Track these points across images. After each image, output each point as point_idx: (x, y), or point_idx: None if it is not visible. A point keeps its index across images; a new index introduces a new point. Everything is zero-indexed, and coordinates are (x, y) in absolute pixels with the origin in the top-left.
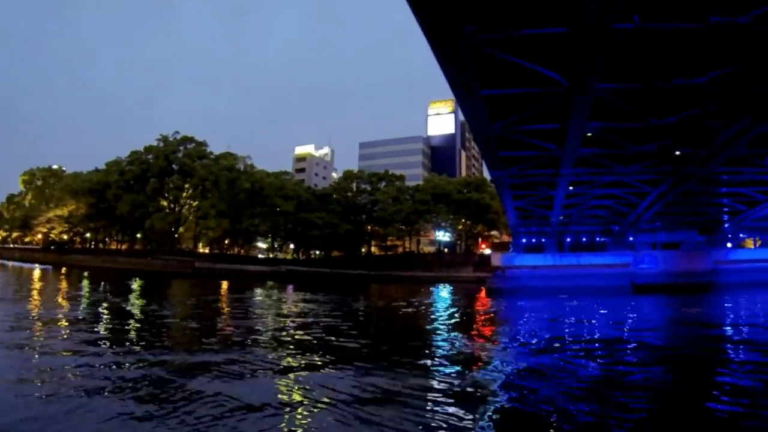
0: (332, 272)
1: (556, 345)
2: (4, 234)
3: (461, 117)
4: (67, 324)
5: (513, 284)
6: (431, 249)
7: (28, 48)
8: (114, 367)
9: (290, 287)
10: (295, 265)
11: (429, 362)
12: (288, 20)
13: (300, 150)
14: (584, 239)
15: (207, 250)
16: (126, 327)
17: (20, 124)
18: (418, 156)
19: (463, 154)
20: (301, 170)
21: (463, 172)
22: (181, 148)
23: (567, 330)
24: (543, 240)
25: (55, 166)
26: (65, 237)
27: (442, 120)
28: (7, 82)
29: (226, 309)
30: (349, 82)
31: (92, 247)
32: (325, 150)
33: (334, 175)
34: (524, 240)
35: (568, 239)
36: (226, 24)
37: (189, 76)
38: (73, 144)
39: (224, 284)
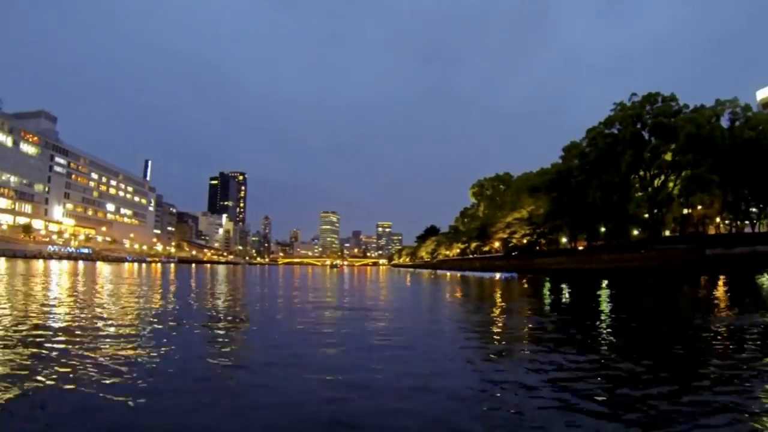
0: None
1: None
2: (462, 246)
3: None
4: None
5: None
6: None
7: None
8: None
9: None
10: None
11: None
12: None
13: (763, 93)
14: None
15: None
16: None
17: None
18: None
19: None
20: None
21: None
22: (648, 107)
23: None
24: None
25: (500, 173)
26: (524, 241)
27: None
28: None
29: None
30: None
31: (554, 248)
32: None
33: None
34: None
35: None
36: (602, 11)
37: (586, 74)
38: (489, 165)
39: None
